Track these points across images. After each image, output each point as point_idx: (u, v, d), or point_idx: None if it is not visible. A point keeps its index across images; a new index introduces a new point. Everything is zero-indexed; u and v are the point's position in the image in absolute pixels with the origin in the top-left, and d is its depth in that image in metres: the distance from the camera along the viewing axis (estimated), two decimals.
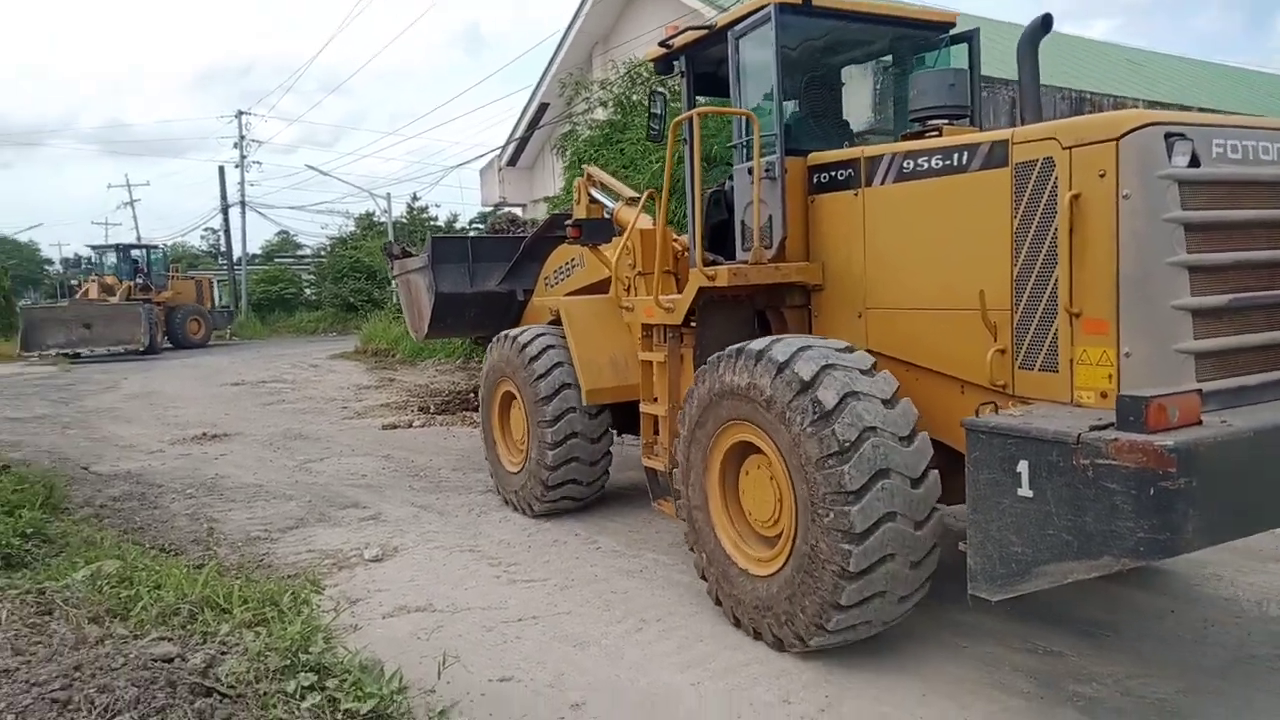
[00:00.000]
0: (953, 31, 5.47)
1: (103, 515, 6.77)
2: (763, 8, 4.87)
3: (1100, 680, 3.89)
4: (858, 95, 5.83)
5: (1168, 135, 3.37)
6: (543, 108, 21.64)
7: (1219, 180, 3.47)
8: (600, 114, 14.91)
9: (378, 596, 5.03)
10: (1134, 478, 2.80)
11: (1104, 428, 3.00)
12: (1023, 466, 3.10)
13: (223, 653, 3.55)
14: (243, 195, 40.04)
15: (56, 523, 6.06)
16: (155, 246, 31.18)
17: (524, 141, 22.81)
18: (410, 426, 11.18)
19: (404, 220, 34.10)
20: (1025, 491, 3.10)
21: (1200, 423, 2.99)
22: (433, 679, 3.69)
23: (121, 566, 4.67)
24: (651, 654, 4.23)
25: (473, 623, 4.63)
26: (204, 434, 10.86)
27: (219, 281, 45.01)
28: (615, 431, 6.69)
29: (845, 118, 5.71)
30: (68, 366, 21.42)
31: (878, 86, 5.80)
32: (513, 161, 23.49)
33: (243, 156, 40.53)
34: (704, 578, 4.74)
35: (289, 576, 5.21)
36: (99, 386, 16.96)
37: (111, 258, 29.07)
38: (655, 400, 5.73)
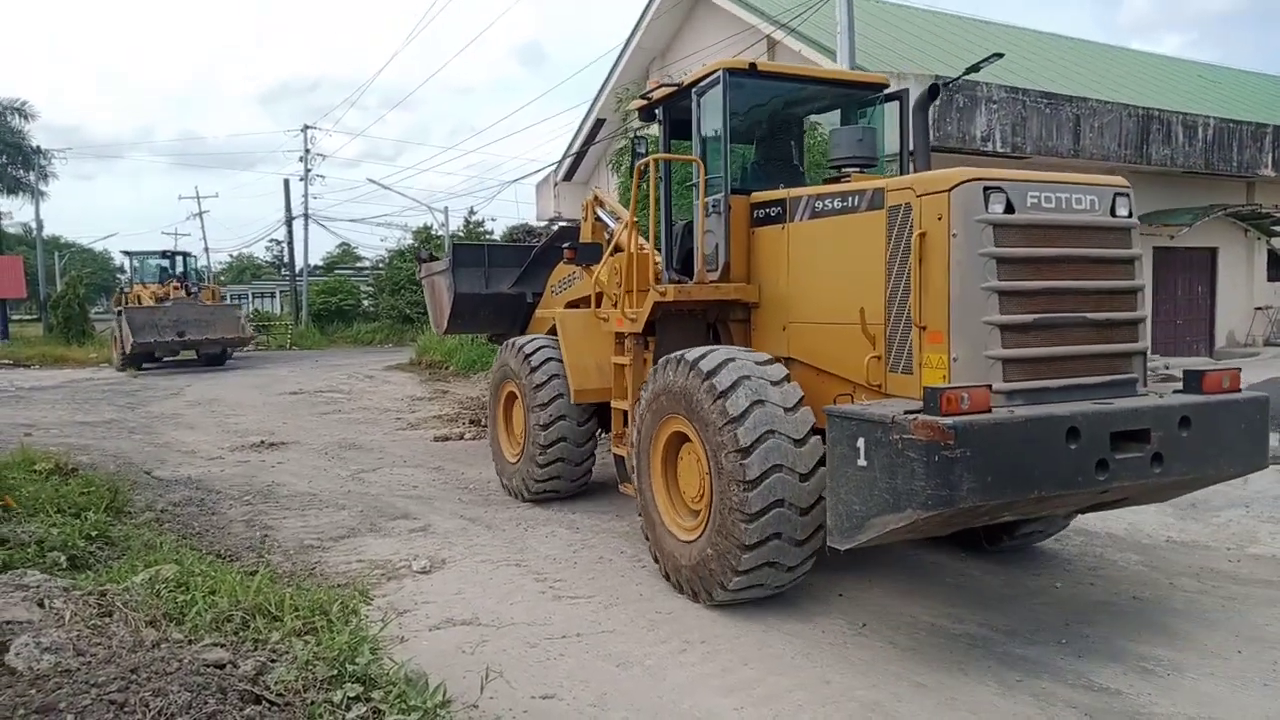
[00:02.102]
0: (886, 91, 6.40)
1: (163, 520, 6.95)
2: (715, 71, 5.83)
3: None
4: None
5: (985, 188, 4.22)
6: (599, 123, 21.83)
7: (1028, 224, 4.29)
8: (655, 130, 14.96)
9: (425, 608, 5.08)
10: (925, 448, 3.65)
11: (914, 413, 3.81)
12: (860, 442, 3.93)
13: (272, 660, 3.61)
14: (306, 208, 41.08)
15: (119, 526, 6.24)
16: (191, 254, 30.87)
17: (580, 156, 23.02)
18: (461, 439, 11.30)
19: (460, 234, 34.59)
20: (862, 462, 3.93)
21: (989, 410, 3.83)
22: (476, 694, 3.70)
23: (179, 571, 4.78)
24: (695, 676, 4.19)
25: (517, 638, 4.64)
26: (262, 442, 11.11)
27: (281, 292, 46.14)
28: (601, 431, 7.48)
29: (795, 162, 6.78)
30: (135, 372, 22.08)
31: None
32: (568, 176, 23.72)
33: (307, 170, 41.60)
34: (654, 557, 5.59)
35: (339, 586, 5.29)
36: (164, 393, 17.49)
37: (152, 263, 28.03)
38: (624, 398, 6.56)
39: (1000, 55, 14.95)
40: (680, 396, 5.14)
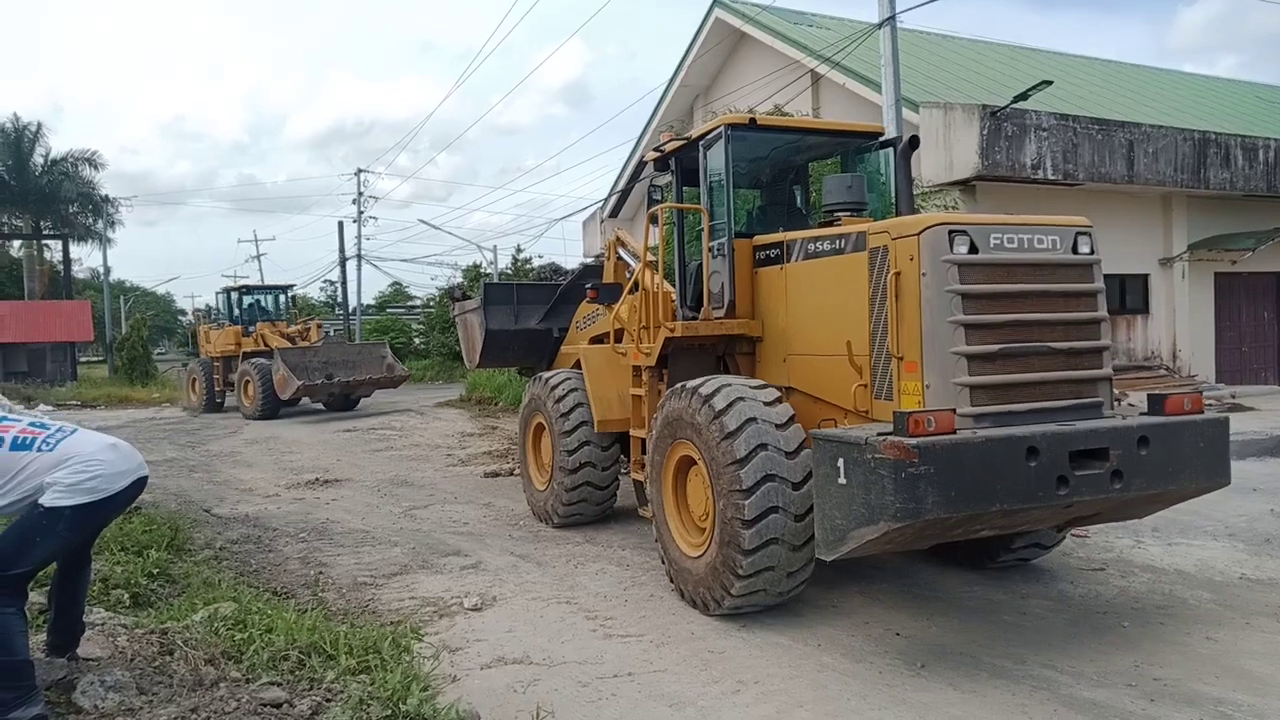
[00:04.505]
0: (881, 139, 6.80)
1: (221, 557, 7.08)
2: (718, 127, 6.30)
3: None
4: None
5: (950, 232, 4.63)
6: (644, 160, 22.03)
7: (990, 263, 4.68)
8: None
9: (476, 646, 5.08)
10: (893, 465, 4.01)
11: (885, 434, 4.14)
12: (840, 462, 4.29)
13: (328, 700, 3.64)
14: (359, 249, 42.03)
15: (180, 563, 6.38)
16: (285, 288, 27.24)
17: (625, 194, 23.25)
18: (511, 474, 11.34)
19: (509, 271, 35.04)
20: (842, 480, 4.28)
21: (954, 432, 4.18)
22: None
23: (237, 609, 4.86)
24: (749, 718, 4.11)
25: (568, 677, 4.61)
26: (317, 479, 11.29)
27: (335, 330, 47.16)
28: (625, 458, 7.73)
29: (798, 206, 7.32)
30: (196, 411, 22.64)
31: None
32: (614, 213, 23.93)
33: (360, 212, 42.62)
34: (667, 574, 5.95)
35: (392, 623, 5.31)
36: (223, 431, 17.91)
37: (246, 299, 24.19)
38: (642, 427, 6.88)
39: (1049, 82, 14.84)
40: (687, 423, 5.55)
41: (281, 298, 25.48)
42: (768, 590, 5.11)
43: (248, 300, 24.12)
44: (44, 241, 41.62)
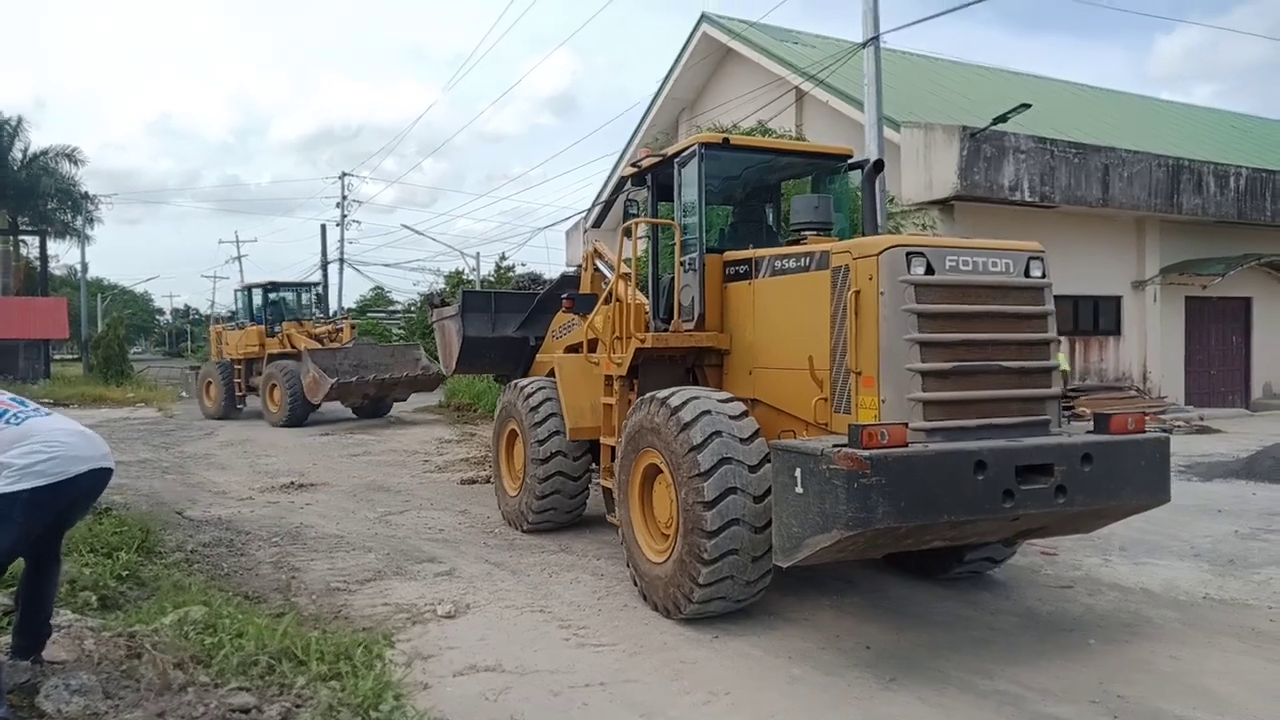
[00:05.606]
0: (850, 160, 7.00)
1: (193, 560, 7.02)
2: (692, 145, 6.49)
3: None
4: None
5: (908, 253, 4.83)
6: None
7: (945, 284, 4.86)
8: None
9: (449, 654, 5.06)
10: (846, 476, 4.18)
11: (840, 446, 4.32)
12: (798, 472, 4.45)
13: (297, 706, 3.64)
14: (341, 252, 41.83)
15: (150, 566, 6.32)
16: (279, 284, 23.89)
17: (609, 205, 23.31)
18: (488, 481, 11.29)
19: (491, 279, 34.95)
20: (799, 489, 4.45)
21: (906, 445, 4.37)
22: None
23: (207, 613, 4.83)
24: None
25: (540, 686, 4.61)
26: (292, 483, 11.21)
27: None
28: (596, 467, 7.86)
29: (770, 223, 7.49)
30: (171, 412, 22.39)
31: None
32: (598, 223, 24.00)
33: (343, 215, 42.44)
34: (633, 579, 6.08)
35: (364, 629, 5.29)
36: (198, 433, 17.73)
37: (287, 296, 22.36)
38: (612, 435, 6.98)
39: (1028, 105, 15.08)
40: (649, 429, 5.75)
41: (306, 296, 23.49)
42: (734, 578, 5.19)
43: (272, 298, 21.81)
44: (20, 237, 41.04)
